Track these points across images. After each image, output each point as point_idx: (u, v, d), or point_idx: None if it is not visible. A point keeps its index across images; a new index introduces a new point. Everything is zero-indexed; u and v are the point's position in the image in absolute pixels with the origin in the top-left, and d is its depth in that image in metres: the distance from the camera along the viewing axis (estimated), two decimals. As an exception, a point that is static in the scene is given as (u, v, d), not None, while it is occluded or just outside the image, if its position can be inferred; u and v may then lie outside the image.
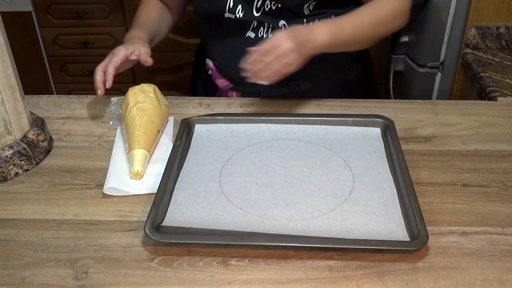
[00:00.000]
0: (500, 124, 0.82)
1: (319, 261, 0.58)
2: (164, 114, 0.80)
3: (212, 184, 0.69)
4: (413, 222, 0.61)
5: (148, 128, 0.75)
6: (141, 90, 0.79)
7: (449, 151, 0.76)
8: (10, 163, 0.72)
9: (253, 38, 0.84)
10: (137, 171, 0.70)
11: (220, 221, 0.63)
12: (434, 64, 1.21)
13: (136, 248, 0.60)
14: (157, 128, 0.77)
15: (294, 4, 0.80)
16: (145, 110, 0.77)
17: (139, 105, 0.77)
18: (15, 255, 0.60)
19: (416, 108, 0.86)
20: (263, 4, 0.80)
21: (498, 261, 0.58)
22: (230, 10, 0.81)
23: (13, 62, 0.71)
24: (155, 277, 0.57)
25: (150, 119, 0.76)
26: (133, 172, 0.70)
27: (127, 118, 0.77)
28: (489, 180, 0.70)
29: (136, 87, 0.80)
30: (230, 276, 0.56)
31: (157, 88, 0.82)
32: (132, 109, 0.77)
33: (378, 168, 0.71)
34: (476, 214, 0.64)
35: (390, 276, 0.56)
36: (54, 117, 0.86)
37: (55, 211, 0.66)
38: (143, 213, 0.65)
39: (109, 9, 1.87)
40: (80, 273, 0.57)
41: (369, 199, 0.65)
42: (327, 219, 0.62)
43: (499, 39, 1.12)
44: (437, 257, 0.58)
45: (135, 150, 0.72)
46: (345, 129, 0.78)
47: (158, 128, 0.77)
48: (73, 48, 1.91)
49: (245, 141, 0.77)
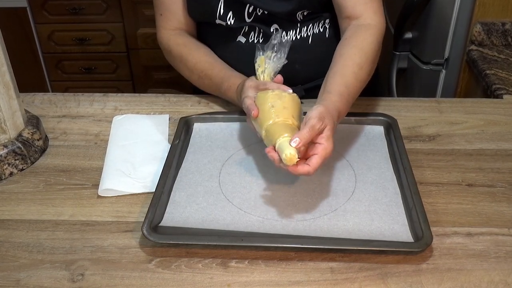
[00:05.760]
0: (506, 122, 0.81)
1: (321, 262, 0.57)
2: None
3: (211, 184, 0.68)
4: (417, 223, 0.60)
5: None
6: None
7: (453, 150, 0.75)
8: (5, 162, 0.71)
9: (244, 43, 0.83)
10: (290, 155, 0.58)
11: (220, 222, 0.62)
12: (439, 61, 1.20)
13: (133, 249, 0.60)
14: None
15: (285, 12, 0.79)
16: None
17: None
18: (9, 257, 0.59)
19: (420, 106, 0.85)
20: (255, 9, 0.79)
21: (504, 262, 0.57)
22: (220, 17, 0.80)
23: (7, 59, 0.70)
24: (153, 279, 0.56)
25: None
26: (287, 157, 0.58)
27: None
28: (494, 180, 0.69)
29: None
30: (230, 278, 0.56)
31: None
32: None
33: (381, 167, 0.70)
34: (481, 215, 0.63)
35: (393, 278, 0.55)
36: (49, 115, 0.85)
37: (51, 211, 0.65)
38: (141, 214, 0.64)
39: (105, 5, 1.86)
40: (76, 275, 0.56)
41: (372, 199, 0.64)
42: (329, 220, 0.62)
43: (505, 36, 1.11)
44: (442, 259, 0.57)
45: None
46: (348, 128, 0.77)
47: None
48: (69, 45, 1.90)
49: (244, 140, 0.76)
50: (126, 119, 0.82)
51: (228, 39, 0.84)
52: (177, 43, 0.85)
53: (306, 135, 0.58)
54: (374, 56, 0.74)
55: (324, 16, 0.82)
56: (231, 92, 0.78)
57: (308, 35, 0.83)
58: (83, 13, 1.85)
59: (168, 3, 0.84)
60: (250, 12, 0.80)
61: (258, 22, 0.81)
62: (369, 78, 0.74)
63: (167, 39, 0.86)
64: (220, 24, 0.82)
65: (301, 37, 0.83)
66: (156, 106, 0.87)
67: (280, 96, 0.65)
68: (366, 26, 0.75)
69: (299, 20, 0.82)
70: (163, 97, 0.89)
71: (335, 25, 0.82)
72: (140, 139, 0.78)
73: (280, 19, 0.81)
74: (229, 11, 0.80)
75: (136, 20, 1.87)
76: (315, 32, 0.83)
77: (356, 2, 0.76)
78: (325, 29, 0.84)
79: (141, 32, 1.89)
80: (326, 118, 0.61)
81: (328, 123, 0.61)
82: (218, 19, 0.81)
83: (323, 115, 0.61)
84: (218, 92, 0.83)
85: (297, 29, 0.82)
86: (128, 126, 0.81)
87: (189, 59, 0.84)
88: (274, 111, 0.63)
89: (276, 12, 0.79)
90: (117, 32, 1.89)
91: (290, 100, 0.66)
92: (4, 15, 1.82)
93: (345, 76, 0.69)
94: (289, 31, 0.82)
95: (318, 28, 0.83)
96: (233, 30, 0.83)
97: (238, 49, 0.83)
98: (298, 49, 0.83)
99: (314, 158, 0.59)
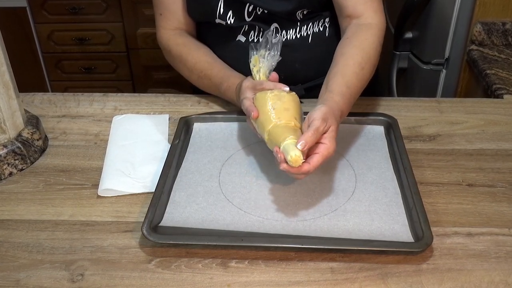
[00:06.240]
0: (506, 122, 0.81)
1: (321, 262, 0.57)
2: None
3: (211, 184, 0.67)
4: (417, 223, 0.60)
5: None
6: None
7: (454, 150, 0.75)
8: (4, 162, 0.71)
9: (244, 42, 0.83)
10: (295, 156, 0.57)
11: (220, 222, 0.62)
12: (439, 61, 1.20)
13: (133, 249, 0.59)
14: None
15: (285, 11, 0.79)
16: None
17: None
18: (9, 257, 0.59)
19: (420, 106, 0.85)
20: (255, 8, 0.79)
21: (504, 262, 0.57)
22: (220, 16, 0.80)
23: (7, 59, 0.70)
24: (152, 279, 0.56)
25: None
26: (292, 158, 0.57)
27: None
28: (495, 180, 0.69)
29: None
30: (230, 278, 0.56)
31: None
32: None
33: (382, 167, 0.70)
34: (481, 215, 0.63)
35: (393, 278, 0.55)
36: (49, 115, 0.85)
37: (50, 211, 0.65)
38: (141, 214, 0.64)
39: (105, 5, 1.86)
40: (76, 275, 0.56)
41: (372, 199, 0.64)
42: (329, 220, 0.62)
43: (505, 36, 1.11)
44: (442, 259, 0.57)
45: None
46: (348, 128, 0.77)
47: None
48: (69, 45, 1.89)
49: (245, 140, 0.76)
50: (126, 119, 0.82)
51: (228, 39, 0.84)
52: (177, 43, 0.85)
53: (311, 138, 0.58)
54: (375, 56, 0.74)
55: (324, 15, 0.82)
56: (231, 92, 0.78)
57: (308, 34, 0.83)
58: (82, 13, 1.85)
59: (167, 2, 0.84)
60: (250, 11, 0.80)
61: (258, 21, 0.81)
62: (370, 78, 0.74)
63: (167, 39, 0.86)
64: (220, 23, 0.81)
65: (301, 36, 0.83)
66: (156, 106, 0.87)
67: (279, 97, 0.65)
68: (367, 25, 0.75)
69: (299, 19, 0.81)
70: (163, 97, 0.89)
71: (335, 24, 0.82)
72: (140, 139, 0.78)
73: (280, 18, 0.81)
74: (229, 10, 0.80)
75: (136, 19, 1.87)
76: (315, 31, 0.83)
77: (356, 2, 0.76)
78: (325, 28, 0.83)
79: (141, 31, 1.89)
80: (329, 119, 0.61)
81: (332, 123, 0.61)
82: (218, 19, 0.81)
83: (327, 115, 0.61)
84: (218, 92, 0.83)
85: (297, 28, 0.82)
86: (128, 126, 0.81)
87: (188, 59, 0.83)
88: (275, 112, 0.63)
89: (276, 11, 0.79)
90: (117, 32, 1.89)
91: (290, 100, 0.65)
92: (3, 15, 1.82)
93: (346, 76, 0.69)
94: (289, 30, 0.82)
95: (318, 27, 0.83)
96: (233, 30, 0.82)
97: (238, 48, 0.83)
98: (298, 48, 0.83)
99: (315, 157, 0.59)
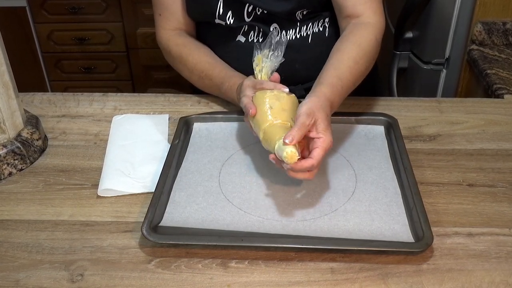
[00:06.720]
0: (507, 122, 0.81)
1: (321, 263, 0.57)
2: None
3: (211, 184, 0.67)
4: (417, 223, 0.60)
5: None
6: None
7: (454, 150, 0.75)
8: (4, 162, 0.71)
9: (243, 42, 0.83)
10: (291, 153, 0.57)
11: (220, 222, 0.62)
12: (439, 61, 1.19)
13: (133, 249, 0.59)
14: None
15: (285, 12, 0.79)
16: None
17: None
18: (8, 257, 0.59)
19: (420, 106, 0.85)
20: (254, 9, 0.79)
21: (505, 263, 0.57)
22: (220, 16, 0.80)
23: (7, 58, 0.70)
24: (152, 280, 0.56)
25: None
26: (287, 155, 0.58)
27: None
28: (495, 180, 0.69)
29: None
30: (230, 279, 0.55)
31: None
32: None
33: (382, 167, 0.70)
34: (482, 215, 0.63)
35: (394, 278, 0.55)
36: (49, 115, 0.85)
37: (50, 211, 0.65)
38: (140, 214, 0.64)
39: (105, 4, 1.86)
40: (76, 275, 0.56)
41: (372, 199, 0.64)
42: (329, 220, 0.61)
43: (506, 35, 1.11)
44: (442, 259, 0.57)
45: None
46: (348, 128, 0.77)
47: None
48: (69, 45, 1.89)
49: (244, 140, 0.75)
50: (126, 119, 0.82)
51: (228, 39, 0.84)
52: (177, 44, 0.85)
53: (297, 132, 0.59)
54: (371, 53, 0.74)
55: (323, 15, 0.82)
56: (232, 92, 0.78)
57: (307, 34, 0.83)
58: (82, 13, 1.85)
59: (167, 3, 0.84)
60: (250, 11, 0.79)
61: (257, 22, 0.81)
62: (366, 73, 0.74)
63: (167, 39, 0.86)
64: (219, 23, 0.81)
65: (300, 36, 0.82)
66: (155, 106, 0.87)
67: (278, 97, 0.65)
68: (366, 24, 0.75)
69: (298, 19, 0.81)
70: (162, 97, 0.89)
71: (334, 24, 0.82)
72: (140, 139, 0.77)
73: (280, 18, 0.81)
74: (229, 11, 0.80)
75: (136, 19, 1.87)
76: (314, 31, 0.83)
77: (356, 2, 0.76)
78: (324, 28, 0.83)
79: (140, 31, 1.88)
80: (316, 112, 0.61)
81: (319, 116, 0.61)
82: (217, 19, 0.80)
83: (312, 109, 0.61)
84: (219, 92, 0.83)
85: (297, 28, 0.82)
86: (128, 126, 0.80)
87: (189, 59, 0.83)
88: (272, 112, 0.63)
89: (276, 11, 0.79)
90: (117, 31, 1.89)
91: (289, 101, 0.65)
92: (3, 15, 1.81)
93: (339, 69, 0.69)
94: (289, 30, 0.82)
95: (318, 27, 0.83)
96: (232, 30, 0.82)
97: (237, 48, 0.83)
98: (298, 49, 0.83)
99: (316, 151, 0.60)
